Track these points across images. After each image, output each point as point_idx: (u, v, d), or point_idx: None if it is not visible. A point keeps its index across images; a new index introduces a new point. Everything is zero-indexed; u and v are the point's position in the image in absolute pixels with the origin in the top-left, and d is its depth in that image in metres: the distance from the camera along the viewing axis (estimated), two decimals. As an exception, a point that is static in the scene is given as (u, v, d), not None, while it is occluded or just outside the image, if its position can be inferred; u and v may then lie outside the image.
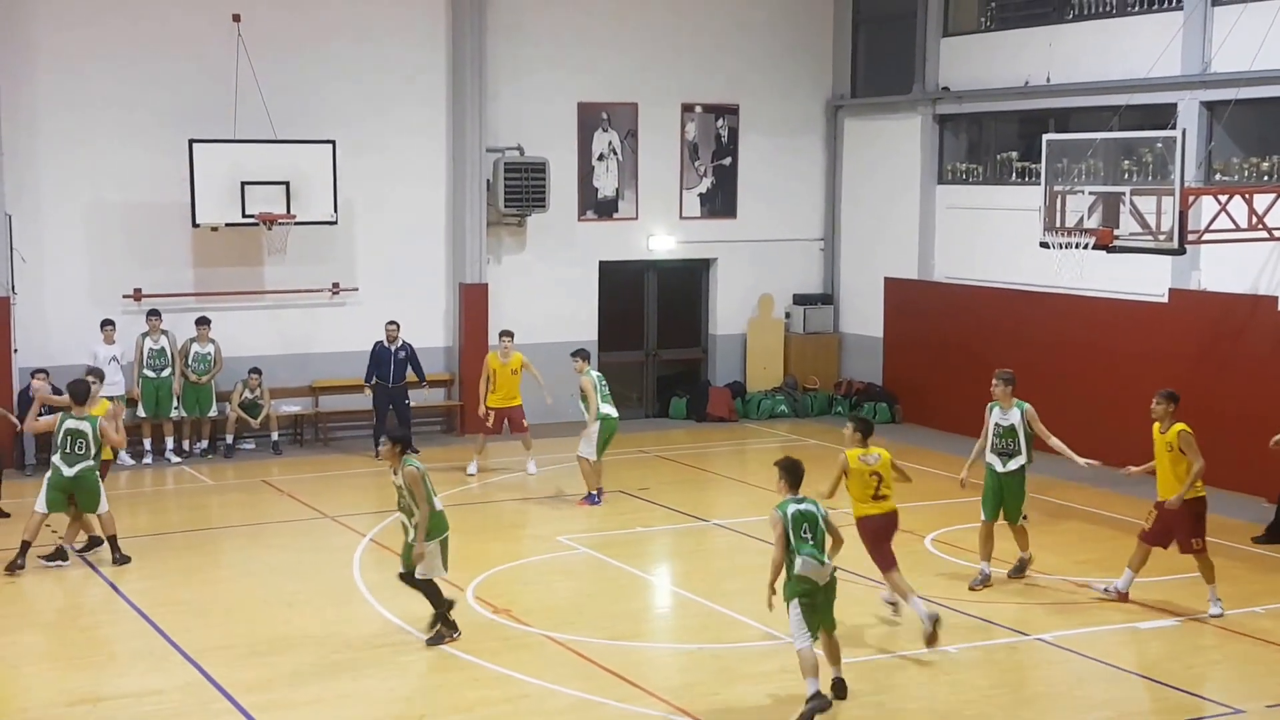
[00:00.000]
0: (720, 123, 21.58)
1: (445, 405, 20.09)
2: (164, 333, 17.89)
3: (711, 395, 21.35)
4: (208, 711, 9.59)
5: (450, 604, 10.97)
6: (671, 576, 13.39)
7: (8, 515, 14.75)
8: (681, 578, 13.22)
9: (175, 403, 17.91)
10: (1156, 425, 11.95)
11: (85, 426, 12.95)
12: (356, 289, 19.40)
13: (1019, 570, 12.79)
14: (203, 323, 18.12)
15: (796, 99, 21.92)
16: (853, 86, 22.00)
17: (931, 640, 10.65)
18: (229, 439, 18.31)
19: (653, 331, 21.87)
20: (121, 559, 13.07)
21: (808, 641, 9.47)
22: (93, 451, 13.00)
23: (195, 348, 18.11)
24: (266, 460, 18.17)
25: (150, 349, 17.77)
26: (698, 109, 21.40)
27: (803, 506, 9.63)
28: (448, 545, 10.85)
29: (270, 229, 17.88)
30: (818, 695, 9.39)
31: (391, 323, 18.16)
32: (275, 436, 18.63)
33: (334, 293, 19.32)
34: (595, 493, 15.57)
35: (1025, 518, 12.79)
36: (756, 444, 19.30)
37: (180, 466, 17.74)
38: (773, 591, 9.56)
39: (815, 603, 9.53)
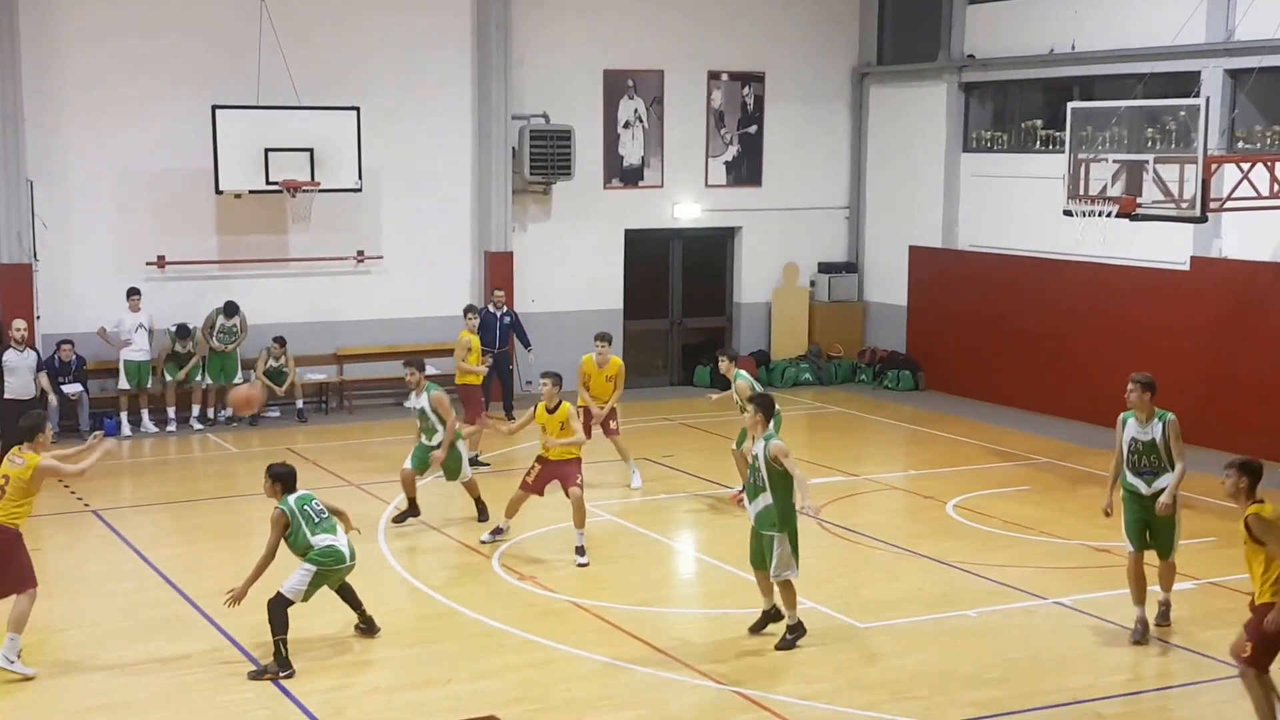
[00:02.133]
0: (746, 90, 21.56)
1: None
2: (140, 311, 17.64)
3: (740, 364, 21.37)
4: (235, 676, 9.74)
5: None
6: (695, 543, 13.52)
7: None
8: (705, 544, 13.34)
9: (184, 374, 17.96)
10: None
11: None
12: (381, 257, 19.52)
13: (1163, 618, 10.74)
14: (232, 311, 18.14)
15: (822, 67, 21.87)
16: (879, 54, 21.93)
17: None
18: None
19: (678, 300, 21.93)
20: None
21: (796, 573, 10.22)
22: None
23: (221, 320, 18.25)
24: (291, 428, 18.36)
25: (135, 325, 17.63)
26: (724, 76, 21.38)
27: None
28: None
29: (294, 196, 17.99)
30: (798, 625, 10.23)
31: (498, 289, 18.15)
32: (300, 404, 18.81)
33: (359, 260, 19.45)
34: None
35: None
36: (781, 412, 19.33)
37: (205, 434, 17.94)
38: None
39: (796, 531, 10.25)
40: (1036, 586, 11.65)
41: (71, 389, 17.13)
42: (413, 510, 13.44)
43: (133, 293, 17.76)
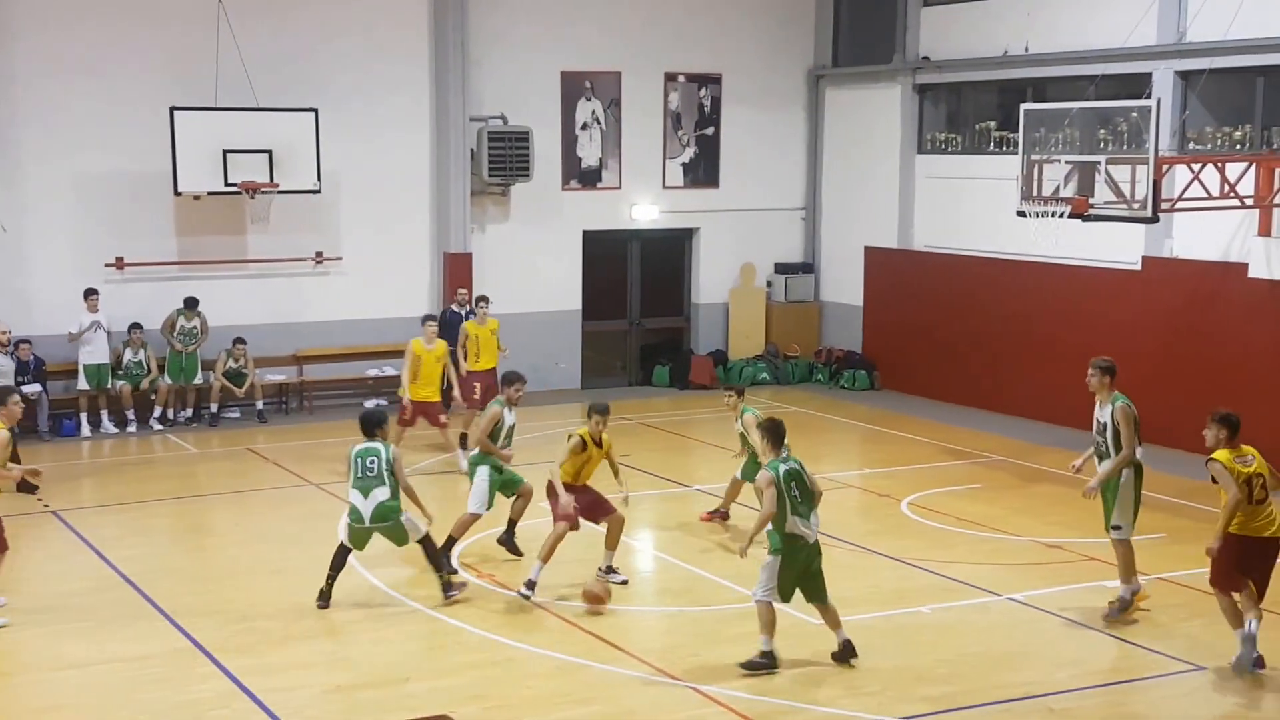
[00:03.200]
0: (703, 92, 21.68)
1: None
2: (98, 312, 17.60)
3: (694, 363, 21.55)
4: (195, 676, 9.75)
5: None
6: (654, 541, 13.60)
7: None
8: (664, 543, 13.43)
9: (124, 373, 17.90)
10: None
11: None
12: (340, 258, 19.51)
13: (1119, 609, 10.97)
14: (191, 305, 18.17)
15: (778, 69, 22.03)
16: (834, 56, 22.12)
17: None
18: (214, 407, 18.44)
19: (636, 300, 22.03)
20: None
21: (771, 597, 9.71)
22: None
23: (181, 321, 18.21)
24: (251, 428, 18.33)
25: (93, 325, 17.55)
26: (680, 78, 21.50)
27: (790, 465, 9.79)
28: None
29: (253, 198, 17.97)
30: (771, 655, 9.73)
31: (462, 288, 18.32)
32: (260, 405, 18.78)
33: (318, 262, 19.43)
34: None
35: (1118, 528, 10.94)
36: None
37: (165, 434, 17.88)
38: (750, 544, 9.81)
39: (798, 560, 9.70)
40: (989, 583, 11.81)
41: (30, 389, 17.03)
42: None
43: (90, 293, 17.68)
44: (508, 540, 12.42)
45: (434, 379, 15.75)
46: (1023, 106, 15.51)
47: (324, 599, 11.05)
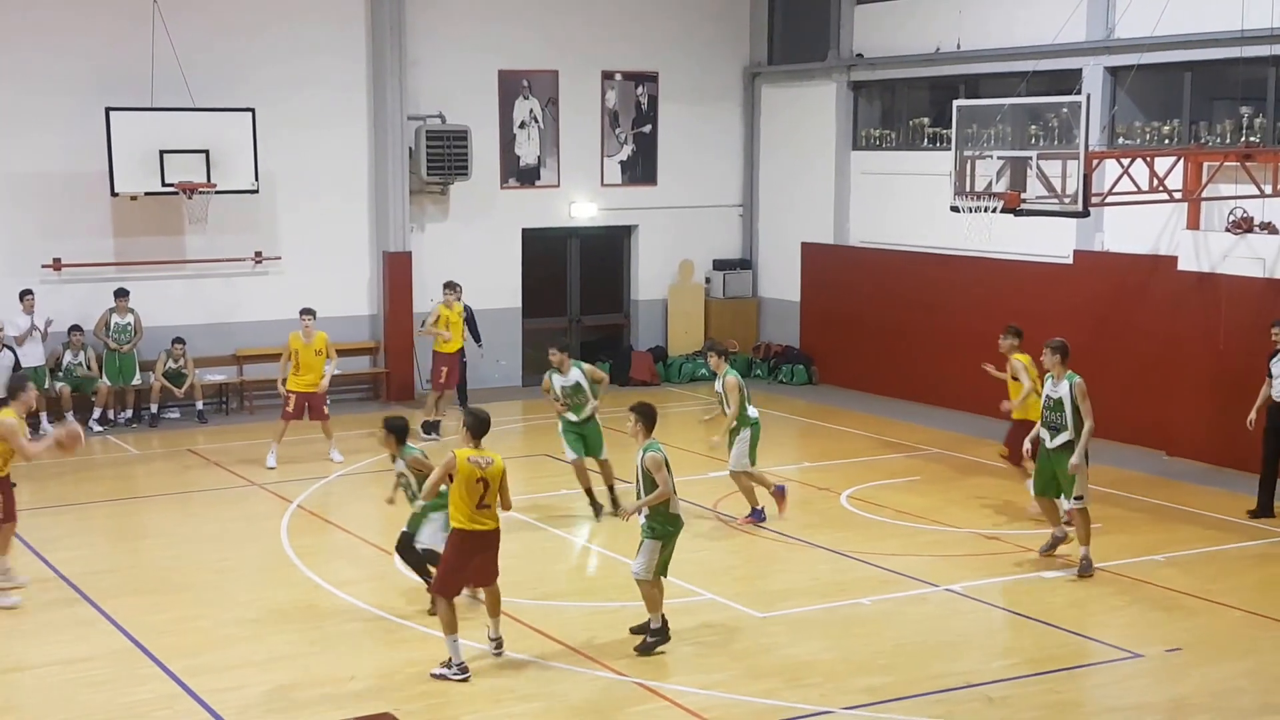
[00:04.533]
0: (640, 90, 21.76)
1: (370, 373, 20.18)
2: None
3: (634, 360, 21.64)
4: (136, 678, 9.69)
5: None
6: (594, 537, 13.67)
7: None
8: (605, 538, 13.50)
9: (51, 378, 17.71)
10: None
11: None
12: (279, 258, 19.39)
13: (1050, 545, 12.29)
14: (121, 295, 18.05)
15: (715, 67, 22.16)
16: (769, 54, 22.28)
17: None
18: (153, 408, 18.29)
19: (575, 298, 22.08)
20: None
21: (650, 576, 10.02)
22: None
23: (114, 318, 18.06)
24: (192, 429, 18.19)
25: (29, 327, 17.37)
26: (617, 77, 21.56)
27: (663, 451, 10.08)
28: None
29: (190, 198, 17.82)
30: (663, 629, 10.08)
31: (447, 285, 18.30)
32: (200, 405, 18.65)
33: (257, 261, 19.30)
34: (758, 508, 13.50)
35: (1080, 499, 11.83)
36: (678, 407, 19.61)
37: (104, 436, 17.70)
38: (637, 511, 10.05)
39: (673, 542, 10.12)
40: (927, 574, 11.99)
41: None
42: (596, 503, 13.81)
43: (25, 294, 17.47)
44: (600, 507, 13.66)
45: (315, 369, 16.08)
46: (955, 103, 15.70)
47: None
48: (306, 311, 16.21)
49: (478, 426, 9.58)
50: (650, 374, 21.44)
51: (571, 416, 13.62)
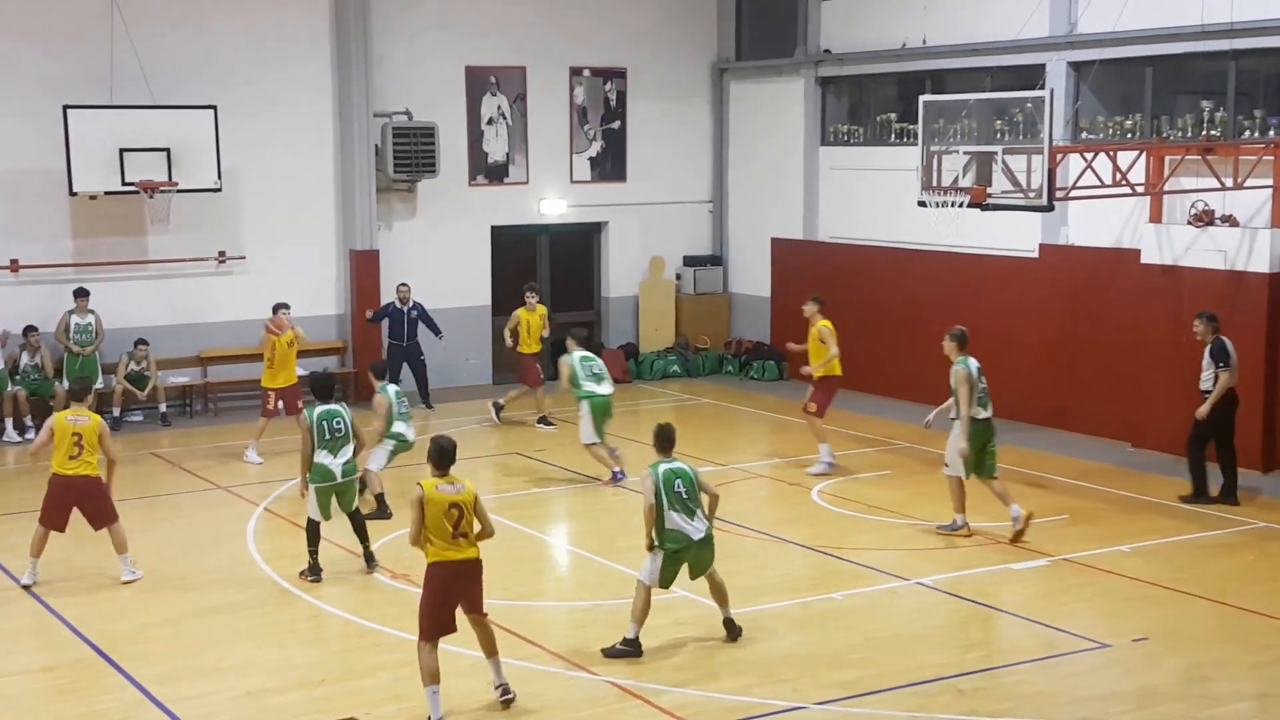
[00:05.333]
0: (608, 86, 21.71)
1: (339, 373, 20.02)
2: None
3: (605, 357, 21.49)
4: (100, 687, 9.59)
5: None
6: (567, 536, 13.63)
7: None
8: (577, 537, 13.46)
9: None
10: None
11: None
12: (244, 257, 19.24)
13: (949, 525, 13.04)
14: (81, 294, 17.84)
15: (683, 63, 22.13)
16: (738, 50, 22.27)
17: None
18: (115, 411, 18.08)
19: (546, 295, 21.91)
20: None
21: (651, 585, 9.97)
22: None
23: (75, 319, 17.83)
24: (155, 432, 18.01)
25: None
26: (586, 73, 21.50)
27: (674, 466, 10.03)
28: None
29: (152, 197, 17.64)
30: (636, 642, 9.93)
31: (403, 284, 18.88)
32: (163, 408, 18.47)
33: (220, 261, 19.15)
34: (617, 470, 14.82)
35: (947, 466, 13.03)
36: (649, 404, 19.60)
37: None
38: (650, 539, 9.98)
39: (683, 557, 9.99)
40: (899, 568, 12.01)
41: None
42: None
43: (-17, 297, 17.30)
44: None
45: (289, 365, 16.21)
46: (921, 98, 15.75)
47: (315, 573, 11.68)
48: (282, 306, 16.34)
49: (439, 457, 8.96)
50: (622, 371, 21.37)
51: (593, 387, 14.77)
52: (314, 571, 11.73)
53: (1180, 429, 15.52)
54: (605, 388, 14.93)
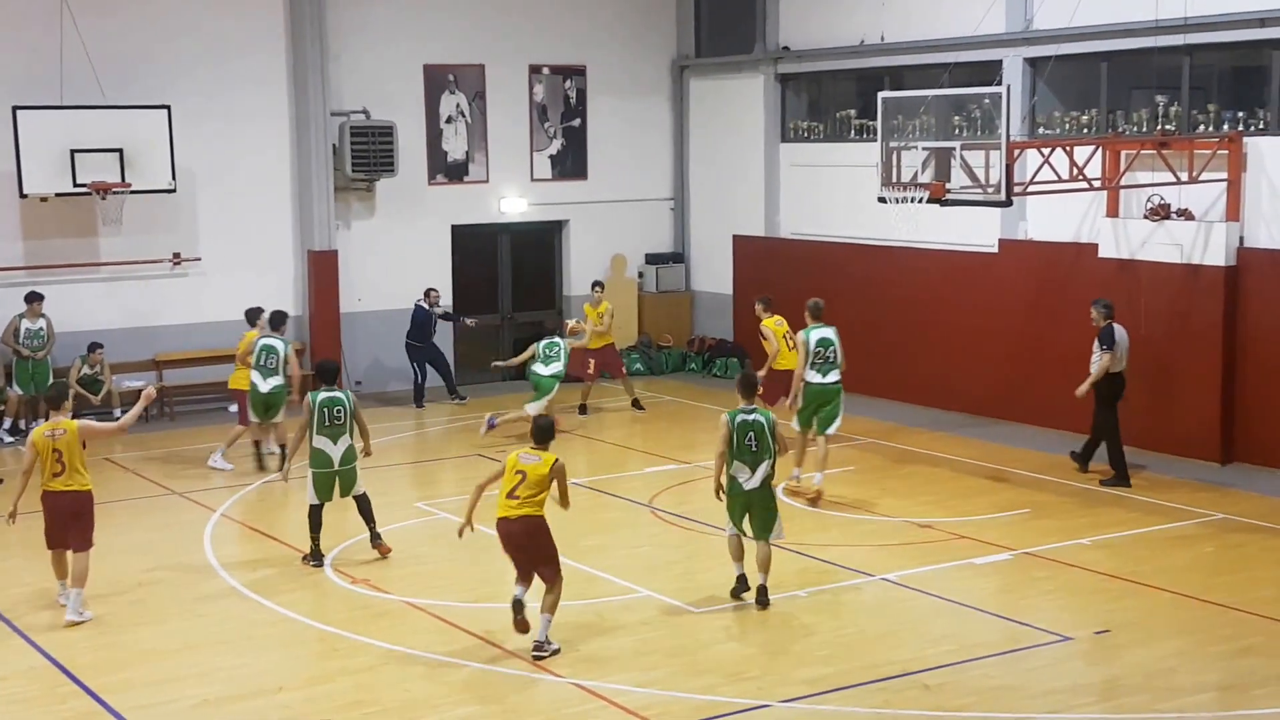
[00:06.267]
0: (568, 84, 21.62)
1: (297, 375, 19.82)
2: None
3: (573, 356, 21.41)
4: (55, 696, 9.42)
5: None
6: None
7: None
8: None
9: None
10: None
11: None
12: (199, 259, 19.02)
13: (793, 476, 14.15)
14: (35, 299, 17.57)
15: (642, 59, 22.07)
16: (697, 47, 22.22)
17: None
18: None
19: (507, 294, 21.89)
20: None
21: (731, 531, 11.06)
22: None
23: (25, 324, 17.55)
24: (110, 438, 17.72)
25: None
26: (545, 70, 21.40)
27: (751, 417, 10.96)
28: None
29: (104, 198, 17.42)
30: (741, 578, 11.01)
31: (433, 289, 19.47)
32: (118, 413, 18.21)
33: (175, 263, 18.92)
34: (493, 417, 16.89)
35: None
36: (612, 402, 19.52)
37: (15, 447, 17.22)
38: (719, 485, 11.00)
39: (744, 502, 10.93)
40: (863, 564, 12.00)
41: None
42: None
43: (-68, 301, 17.02)
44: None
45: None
46: (880, 95, 15.76)
47: (316, 558, 11.95)
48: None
49: (539, 434, 10.32)
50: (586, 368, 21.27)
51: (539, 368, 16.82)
52: (315, 557, 11.95)
53: (1140, 422, 15.61)
54: (549, 369, 17.22)
